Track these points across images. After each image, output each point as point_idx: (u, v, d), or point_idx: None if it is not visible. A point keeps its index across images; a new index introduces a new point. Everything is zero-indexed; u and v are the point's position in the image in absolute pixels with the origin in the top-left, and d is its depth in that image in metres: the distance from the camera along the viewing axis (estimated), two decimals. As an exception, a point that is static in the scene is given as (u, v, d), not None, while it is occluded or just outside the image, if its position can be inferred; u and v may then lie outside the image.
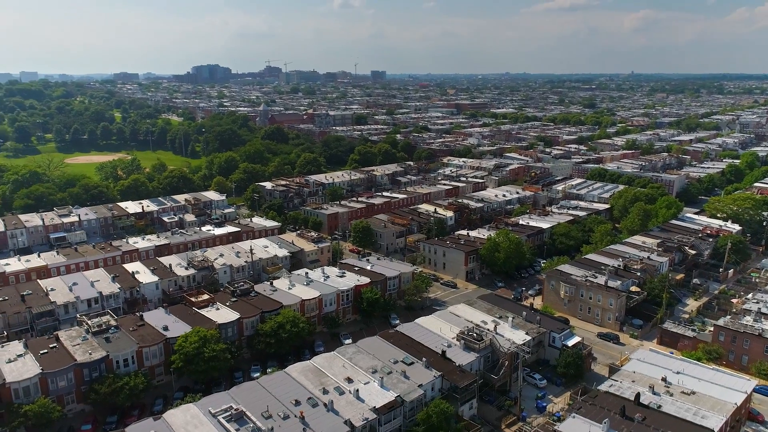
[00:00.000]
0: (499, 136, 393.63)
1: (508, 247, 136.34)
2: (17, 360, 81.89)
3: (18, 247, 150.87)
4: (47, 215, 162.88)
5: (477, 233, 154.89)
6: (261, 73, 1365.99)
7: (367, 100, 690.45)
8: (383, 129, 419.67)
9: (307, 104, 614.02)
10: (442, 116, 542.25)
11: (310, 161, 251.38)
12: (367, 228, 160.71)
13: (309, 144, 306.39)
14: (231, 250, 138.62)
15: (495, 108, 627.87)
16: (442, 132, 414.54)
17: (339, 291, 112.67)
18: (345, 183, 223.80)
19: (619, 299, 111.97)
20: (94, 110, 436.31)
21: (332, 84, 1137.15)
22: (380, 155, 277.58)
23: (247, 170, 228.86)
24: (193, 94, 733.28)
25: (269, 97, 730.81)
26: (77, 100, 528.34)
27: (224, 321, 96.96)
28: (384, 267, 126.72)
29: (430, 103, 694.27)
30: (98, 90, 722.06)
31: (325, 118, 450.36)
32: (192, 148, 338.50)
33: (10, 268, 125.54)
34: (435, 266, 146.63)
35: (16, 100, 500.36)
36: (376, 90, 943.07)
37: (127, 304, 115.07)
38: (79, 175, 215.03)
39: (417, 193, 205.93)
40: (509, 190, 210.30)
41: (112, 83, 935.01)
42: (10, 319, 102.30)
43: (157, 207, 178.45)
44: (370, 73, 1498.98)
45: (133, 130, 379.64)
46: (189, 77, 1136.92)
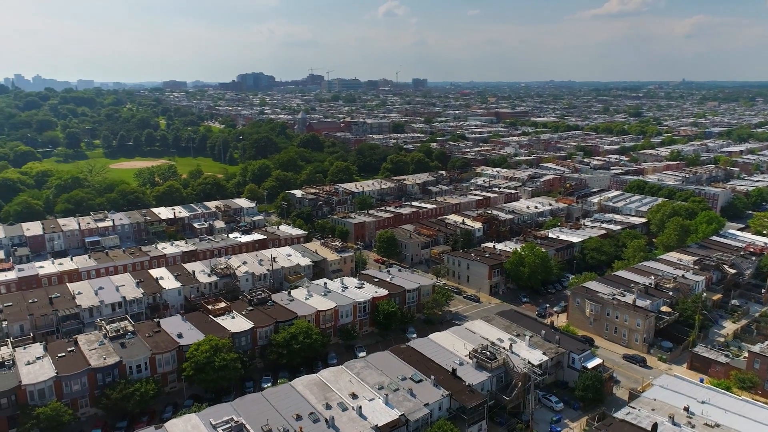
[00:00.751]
0: (537, 145, 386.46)
1: (534, 261, 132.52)
2: (35, 362, 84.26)
3: (55, 250, 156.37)
4: (84, 219, 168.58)
5: (504, 246, 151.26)
6: (304, 81, 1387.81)
7: (405, 108, 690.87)
8: (420, 137, 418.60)
9: (347, 112, 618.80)
10: (481, 125, 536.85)
11: (341, 169, 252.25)
12: (392, 238, 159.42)
13: (343, 152, 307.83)
14: (255, 257, 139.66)
15: (536, 116, 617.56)
16: (480, 141, 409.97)
17: (355, 302, 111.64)
18: (375, 192, 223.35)
19: (647, 320, 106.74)
20: (140, 117, 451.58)
21: (373, 92, 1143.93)
22: (413, 164, 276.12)
23: (279, 178, 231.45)
24: (237, 102, 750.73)
25: (310, 104, 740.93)
26: (126, 108, 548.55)
27: (238, 330, 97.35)
28: (404, 279, 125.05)
29: (469, 111, 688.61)
30: (146, 98, 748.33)
31: (362, 126, 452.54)
32: (230, 155, 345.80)
33: (44, 270, 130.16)
34: (459, 279, 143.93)
35: (70, 107, 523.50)
36: (416, 98, 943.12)
37: (149, 310, 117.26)
38: (118, 180, 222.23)
39: (446, 204, 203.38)
40: (542, 202, 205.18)
41: (160, 91, 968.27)
42: (37, 321, 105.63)
43: (188, 213, 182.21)
44: (411, 81, 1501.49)
45: (176, 137, 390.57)
46: (234, 85, 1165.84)
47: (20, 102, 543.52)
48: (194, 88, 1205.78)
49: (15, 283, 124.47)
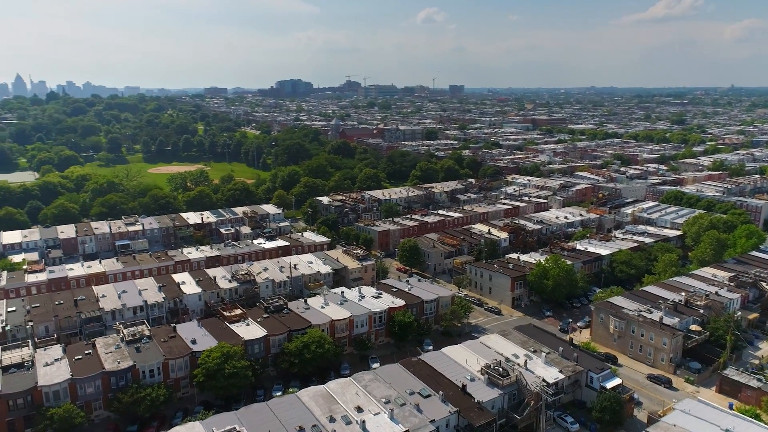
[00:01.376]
0: (573, 153, 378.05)
1: (558, 274, 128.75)
2: (53, 364, 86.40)
3: (86, 253, 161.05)
4: (115, 223, 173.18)
5: (528, 257, 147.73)
6: (341, 88, 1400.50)
7: (440, 115, 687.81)
8: (453, 144, 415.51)
9: (381, 119, 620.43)
10: (516, 132, 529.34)
11: (370, 176, 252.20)
12: (415, 247, 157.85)
13: (373, 159, 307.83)
14: (276, 264, 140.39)
15: (573, 124, 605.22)
16: (514, 148, 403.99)
17: (371, 312, 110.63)
18: (402, 199, 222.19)
19: (674, 338, 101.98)
20: (179, 123, 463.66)
21: (409, 98, 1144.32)
22: (442, 172, 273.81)
23: (307, 184, 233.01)
24: (274, 108, 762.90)
25: (345, 111, 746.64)
26: (166, 114, 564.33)
27: (251, 337, 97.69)
28: (423, 289, 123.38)
29: (505, 118, 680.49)
30: (187, 104, 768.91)
31: (394, 133, 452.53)
32: (264, 160, 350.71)
33: (73, 273, 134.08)
34: (481, 290, 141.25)
35: (114, 113, 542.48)
36: (451, 104, 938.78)
37: (170, 314, 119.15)
38: (152, 185, 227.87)
39: (473, 212, 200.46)
40: (572, 212, 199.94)
41: (201, 97, 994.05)
42: (62, 323, 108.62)
43: (216, 218, 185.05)
44: (448, 88, 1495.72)
45: (212, 143, 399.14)
46: (272, 91, 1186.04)
47: (68, 108, 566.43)
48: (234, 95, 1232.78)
49: (45, 285, 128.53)
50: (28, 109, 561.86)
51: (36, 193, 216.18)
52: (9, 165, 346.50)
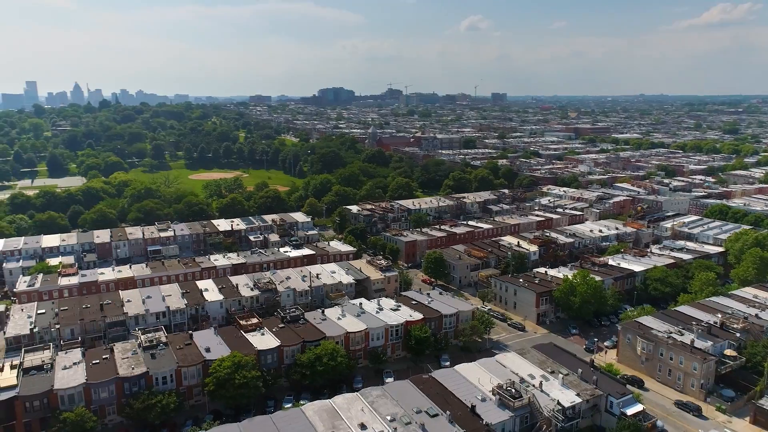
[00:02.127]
0: (615, 163, 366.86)
1: (585, 290, 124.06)
2: (71, 368, 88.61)
3: (120, 257, 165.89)
4: (148, 229, 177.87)
5: (557, 272, 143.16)
6: (382, 96, 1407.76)
7: (480, 123, 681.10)
8: (490, 153, 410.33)
9: (419, 127, 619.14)
10: (557, 141, 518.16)
11: (402, 186, 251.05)
12: (440, 259, 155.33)
13: (407, 168, 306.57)
14: (299, 273, 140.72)
15: (618, 133, 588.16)
16: (553, 158, 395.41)
17: (387, 325, 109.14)
18: (432, 209, 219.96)
19: (705, 363, 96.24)
20: (221, 131, 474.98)
21: (450, 106, 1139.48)
22: (476, 181, 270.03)
23: (338, 193, 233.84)
24: (314, 116, 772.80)
25: (385, 119, 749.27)
26: (210, 122, 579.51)
27: (264, 347, 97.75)
28: (443, 303, 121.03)
29: (547, 126, 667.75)
30: (231, 111, 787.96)
31: (431, 142, 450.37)
32: (300, 168, 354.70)
33: (103, 277, 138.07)
34: (506, 305, 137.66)
35: (160, 120, 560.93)
36: (493, 113, 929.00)
37: (192, 320, 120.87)
38: (188, 191, 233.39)
39: (504, 224, 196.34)
40: (608, 225, 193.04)
41: (245, 105, 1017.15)
42: (87, 326, 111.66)
43: (245, 226, 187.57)
44: (490, 96, 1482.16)
45: (251, 150, 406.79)
46: (314, 100, 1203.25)
47: (118, 116, 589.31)
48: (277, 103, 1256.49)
49: (77, 288, 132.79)
50: (81, 117, 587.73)
51: (79, 197, 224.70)
52: (60, 170, 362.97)
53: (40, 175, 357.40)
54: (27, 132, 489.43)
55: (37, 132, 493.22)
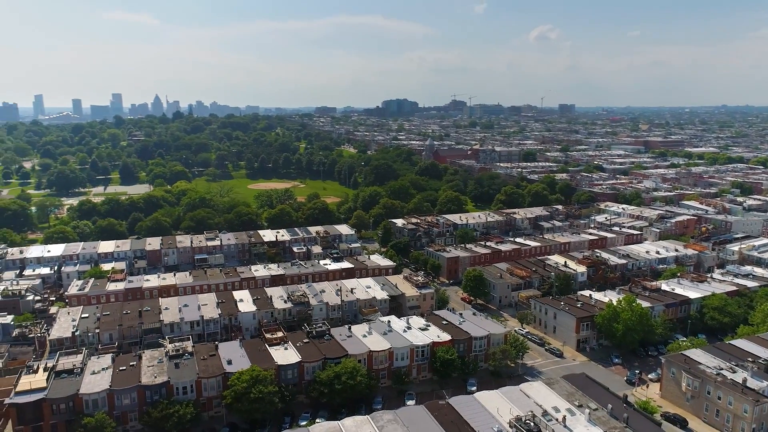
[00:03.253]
0: (685, 179, 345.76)
1: (629, 317, 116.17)
2: (99, 373, 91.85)
3: (168, 265, 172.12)
4: (197, 237, 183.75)
5: (603, 295, 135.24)
6: (446, 107, 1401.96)
7: (543, 136, 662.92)
8: (550, 167, 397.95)
9: (480, 139, 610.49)
10: (624, 155, 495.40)
11: (451, 199, 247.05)
12: (480, 277, 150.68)
13: (460, 182, 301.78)
14: (334, 287, 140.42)
15: (693, 146, 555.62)
16: (618, 173, 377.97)
17: (413, 346, 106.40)
18: (480, 225, 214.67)
19: (758, 406, 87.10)
20: (282, 142, 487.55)
21: (515, 118, 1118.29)
22: (529, 196, 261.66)
23: (386, 206, 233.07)
24: (376, 128, 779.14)
25: (446, 130, 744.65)
26: (273, 133, 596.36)
27: (284, 362, 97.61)
28: (474, 324, 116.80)
29: (615, 139, 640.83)
30: (295, 123, 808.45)
31: (489, 154, 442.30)
32: (354, 179, 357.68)
33: (148, 284, 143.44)
34: (545, 328, 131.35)
35: (227, 131, 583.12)
36: (558, 124, 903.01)
37: (225, 330, 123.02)
38: (240, 201, 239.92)
39: (553, 242, 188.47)
40: (667, 247, 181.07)
41: (309, 116, 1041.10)
42: (125, 332, 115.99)
43: (290, 237, 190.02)
44: (557, 107, 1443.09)
45: (309, 161, 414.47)
46: (378, 111, 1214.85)
47: (188, 126, 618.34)
48: (341, 114, 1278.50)
49: (122, 294, 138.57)
50: (154, 128, 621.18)
51: (141, 205, 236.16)
52: (131, 178, 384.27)
53: (112, 183, 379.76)
54: (105, 141, 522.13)
55: (115, 141, 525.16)
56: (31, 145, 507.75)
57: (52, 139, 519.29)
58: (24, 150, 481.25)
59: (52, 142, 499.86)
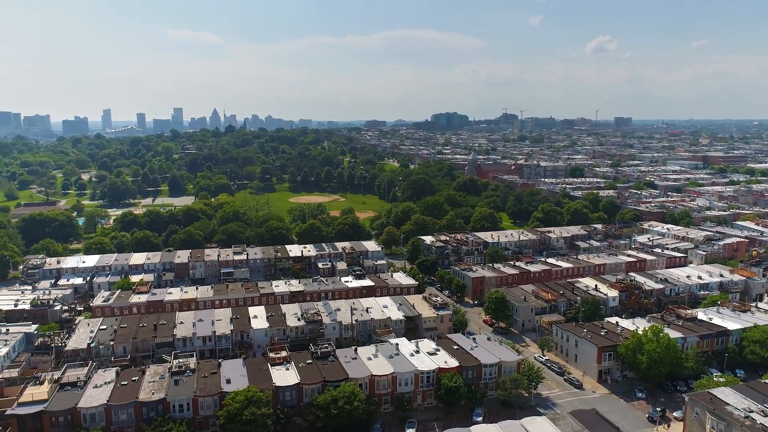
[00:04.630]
0: (744, 198, 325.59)
1: (655, 348, 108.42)
2: (102, 386, 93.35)
3: (195, 278, 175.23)
4: (225, 251, 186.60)
5: (631, 323, 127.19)
6: (496, 120, 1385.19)
7: (594, 150, 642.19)
8: (597, 183, 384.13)
9: (527, 153, 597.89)
10: (680, 170, 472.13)
11: (485, 216, 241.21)
12: (502, 299, 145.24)
13: (497, 198, 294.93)
14: (350, 305, 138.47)
15: (757, 162, 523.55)
16: (671, 189, 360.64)
17: (418, 371, 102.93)
18: (512, 243, 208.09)
19: (789, 456, 78.67)
20: (325, 156, 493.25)
21: (567, 131, 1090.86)
22: (568, 214, 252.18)
23: (417, 222, 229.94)
24: (422, 141, 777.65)
25: (493, 144, 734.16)
26: (320, 146, 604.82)
27: (282, 384, 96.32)
28: (486, 350, 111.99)
29: (672, 154, 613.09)
30: (342, 136, 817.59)
31: (534, 169, 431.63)
32: (394, 194, 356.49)
33: (170, 297, 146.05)
34: (566, 356, 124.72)
35: (274, 145, 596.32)
36: (612, 138, 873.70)
37: (237, 346, 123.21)
38: (274, 215, 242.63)
39: (587, 263, 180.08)
40: (711, 271, 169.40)
41: (357, 130, 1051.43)
42: (138, 345, 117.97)
43: (316, 252, 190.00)
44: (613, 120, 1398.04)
45: (350, 175, 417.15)
46: (427, 125, 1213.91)
47: (238, 140, 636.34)
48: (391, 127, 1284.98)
49: (144, 306, 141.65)
50: (206, 141, 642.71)
51: (179, 218, 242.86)
52: (179, 190, 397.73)
53: (161, 194, 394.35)
54: (159, 154, 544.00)
55: (168, 154, 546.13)
56: (91, 158, 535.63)
57: (110, 152, 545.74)
58: (84, 162, 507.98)
59: (110, 154, 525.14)
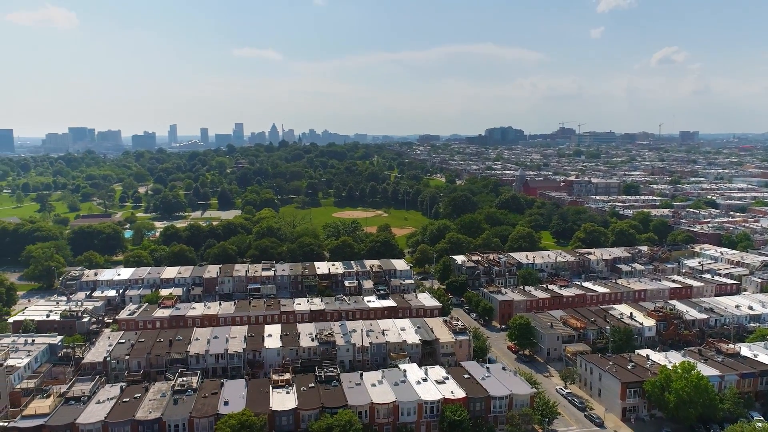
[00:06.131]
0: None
1: (683, 387, 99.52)
2: (104, 402, 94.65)
3: (223, 293, 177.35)
4: (253, 267, 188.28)
5: (663, 357, 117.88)
6: (553, 135, 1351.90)
7: (654, 166, 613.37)
8: (653, 201, 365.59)
9: (581, 169, 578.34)
10: (747, 188, 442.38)
11: (523, 236, 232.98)
12: (527, 325, 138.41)
13: (539, 216, 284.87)
14: (367, 326, 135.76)
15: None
16: (733, 209, 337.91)
17: (421, 401, 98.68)
18: (548, 265, 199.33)
19: None
20: (371, 171, 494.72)
21: (628, 146, 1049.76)
22: (613, 235, 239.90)
23: (451, 240, 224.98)
24: (473, 156, 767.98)
25: (547, 160, 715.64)
26: (368, 162, 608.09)
27: (280, 408, 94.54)
28: (498, 381, 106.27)
29: (740, 170, 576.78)
30: (392, 151, 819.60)
31: (584, 186, 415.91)
32: (436, 210, 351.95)
33: (192, 312, 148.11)
34: (590, 390, 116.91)
35: (323, 159, 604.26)
36: (676, 153, 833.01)
37: (249, 365, 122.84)
38: (309, 231, 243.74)
39: (626, 289, 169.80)
40: (765, 301, 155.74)
41: (409, 145, 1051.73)
42: (152, 360, 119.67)
43: (343, 270, 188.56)
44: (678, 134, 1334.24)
45: (395, 191, 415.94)
46: (480, 139, 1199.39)
47: (289, 155, 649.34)
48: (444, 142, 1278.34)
49: (167, 320, 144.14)
50: (258, 156, 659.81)
51: (219, 232, 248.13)
52: (228, 204, 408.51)
53: (211, 208, 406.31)
54: (213, 168, 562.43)
55: (222, 169, 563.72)
56: (150, 172, 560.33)
57: (167, 166, 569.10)
58: (143, 176, 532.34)
59: (166, 168, 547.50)
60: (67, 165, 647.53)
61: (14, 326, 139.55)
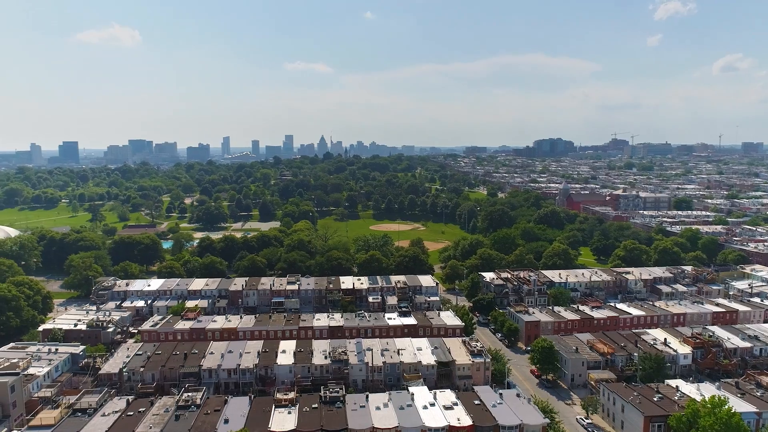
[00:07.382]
0: None
1: (712, 424, 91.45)
2: (107, 416, 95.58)
3: (247, 306, 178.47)
4: (278, 280, 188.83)
5: (695, 388, 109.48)
6: (605, 146, 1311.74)
7: (710, 180, 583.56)
8: (706, 217, 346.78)
9: (630, 182, 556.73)
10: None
11: (558, 253, 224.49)
12: (550, 349, 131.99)
13: (578, 232, 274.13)
14: (383, 344, 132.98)
15: None
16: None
17: (425, 427, 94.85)
18: (582, 284, 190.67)
19: None
20: (411, 183, 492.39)
21: (684, 158, 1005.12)
22: (656, 253, 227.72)
23: (483, 256, 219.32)
24: (519, 169, 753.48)
25: (595, 172, 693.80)
26: (410, 174, 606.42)
27: (278, 429, 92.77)
28: (510, 409, 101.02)
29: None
30: (435, 163, 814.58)
31: (632, 201, 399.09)
32: (474, 224, 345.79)
33: (212, 325, 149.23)
34: (613, 422, 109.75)
35: (365, 172, 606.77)
36: (736, 166, 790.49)
37: (260, 381, 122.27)
38: (340, 245, 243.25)
39: (663, 312, 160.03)
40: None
41: (454, 157, 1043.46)
42: (165, 373, 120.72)
43: (368, 285, 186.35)
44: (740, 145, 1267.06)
45: (433, 204, 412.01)
46: (528, 151, 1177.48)
47: (333, 167, 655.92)
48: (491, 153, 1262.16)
49: (187, 333, 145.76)
50: (301, 168, 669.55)
51: (253, 244, 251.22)
52: (269, 215, 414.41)
53: (252, 219, 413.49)
54: (258, 180, 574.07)
55: (266, 180, 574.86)
56: (197, 183, 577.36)
57: (214, 178, 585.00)
58: (190, 187, 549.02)
59: (213, 180, 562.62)
60: (122, 176, 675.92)
61: (43, 334, 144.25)
